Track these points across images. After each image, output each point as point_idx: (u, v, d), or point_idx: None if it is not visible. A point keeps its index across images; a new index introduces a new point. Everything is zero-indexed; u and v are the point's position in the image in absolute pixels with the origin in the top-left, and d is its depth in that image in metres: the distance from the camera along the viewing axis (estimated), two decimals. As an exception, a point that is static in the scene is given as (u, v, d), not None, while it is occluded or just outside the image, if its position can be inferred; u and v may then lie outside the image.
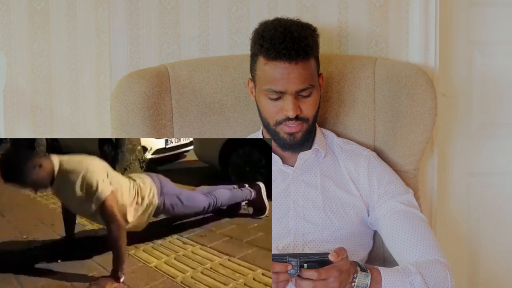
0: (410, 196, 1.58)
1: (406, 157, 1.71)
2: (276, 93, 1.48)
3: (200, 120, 1.75)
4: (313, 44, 1.51)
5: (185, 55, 1.87)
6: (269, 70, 1.48)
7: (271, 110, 1.52)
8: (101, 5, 1.88)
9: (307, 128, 1.54)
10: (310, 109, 1.52)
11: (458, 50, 2.04)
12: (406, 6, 1.89)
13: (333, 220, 1.53)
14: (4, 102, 1.91)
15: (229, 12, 1.87)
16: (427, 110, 1.68)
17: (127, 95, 1.67)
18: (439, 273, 1.40)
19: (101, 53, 1.90)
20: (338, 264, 1.25)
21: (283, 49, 1.45)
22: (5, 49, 1.90)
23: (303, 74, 1.47)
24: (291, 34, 1.46)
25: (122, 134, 1.69)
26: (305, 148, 1.59)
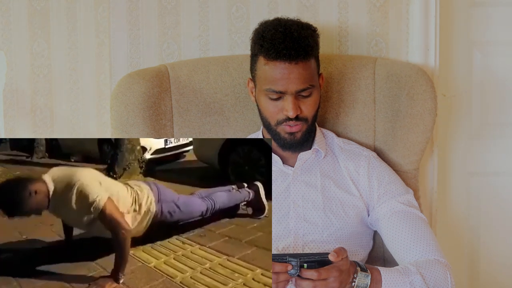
0: (410, 196, 1.58)
1: (406, 157, 1.71)
2: (276, 93, 1.48)
3: (200, 120, 1.74)
4: (313, 44, 1.51)
5: (185, 55, 1.87)
6: (269, 70, 1.48)
7: (271, 110, 1.51)
8: (101, 5, 1.88)
9: (307, 128, 1.54)
10: (310, 109, 1.52)
11: (458, 50, 2.04)
12: (406, 6, 1.89)
13: (333, 221, 1.53)
14: (4, 102, 1.92)
15: (229, 12, 1.87)
16: (427, 110, 1.68)
17: (127, 95, 1.67)
18: (439, 273, 1.40)
19: (101, 53, 1.90)
20: (338, 264, 1.25)
21: (283, 49, 1.45)
22: (5, 49, 1.90)
23: (303, 74, 1.47)
24: (291, 34, 1.46)
25: (122, 134, 1.69)
26: (305, 148, 1.59)
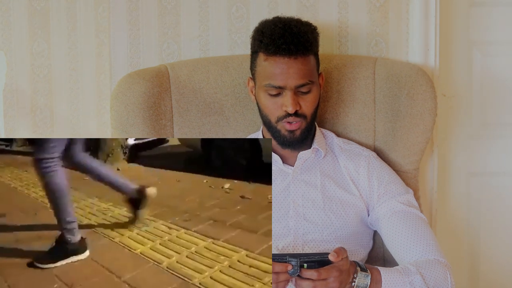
0: (410, 196, 1.58)
1: (406, 157, 1.71)
2: (275, 88, 1.49)
3: (200, 120, 1.74)
4: (313, 40, 1.52)
5: (185, 55, 1.87)
6: (269, 65, 1.49)
7: (271, 107, 1.52)
8: (101, 5, 1.88)
9: (306, 126, 1.54)
10: (309, 106, 1.52)
11: (458, 50, 2.04)
12: (406, 6, 1.89)
13: (333, 220, 1.53)
14: (4, 102, 1.91)
15: (229, 12, 1.87)
16: (427, 110, 1.68)
17: (127, 95, 1.67)
18: (439, 273, 1.40)
19: (101, 53, 1.90)
20: (338, 264, 1.25)
21: (282, 44, 1.46)
22: (5, 49, 1.90)
23: (303, 69, 1.48)
24: (291, 29, 1.48)
25: (122, 134, 1.69)
26: (304, 146, 1.59)
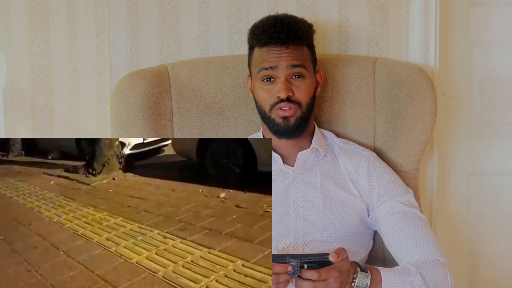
0: (410, 196, 1.58)
1: (406, 157, 1.71)
2: (267, 70, 1.52)
3: (200, 120, 1.75)
4: (305, 31, 1.56)
5: (185, 55, 1.87)
6: (262, 54, 1.54)
7: (264, 96, 1.54)
8: (101, 5, 1.88)
9: (300, 115, 1.54)
10: (302, 94, 1.53)
11: (458, 50, 2.04)
12: (406, 6, 1.89)
13: (333, 220, 1.53)
14: (4, 102, 1.92)
15: (229, 12, 1.87)
16: (427, 110, 1.68)
17: (127, 95, 1.67)
18: (439, 273, 1.40)
19: (101, 53, 1.90)
20: (338, 265, 1.25)
21: (273, 33, 1.51)
22: (5, 49, 1.90)
23: (295, 54, 1.52)
24: (282, 20, 1.55)
25: (122, 134, 1.69)
26: (302, 141, 1.59)
